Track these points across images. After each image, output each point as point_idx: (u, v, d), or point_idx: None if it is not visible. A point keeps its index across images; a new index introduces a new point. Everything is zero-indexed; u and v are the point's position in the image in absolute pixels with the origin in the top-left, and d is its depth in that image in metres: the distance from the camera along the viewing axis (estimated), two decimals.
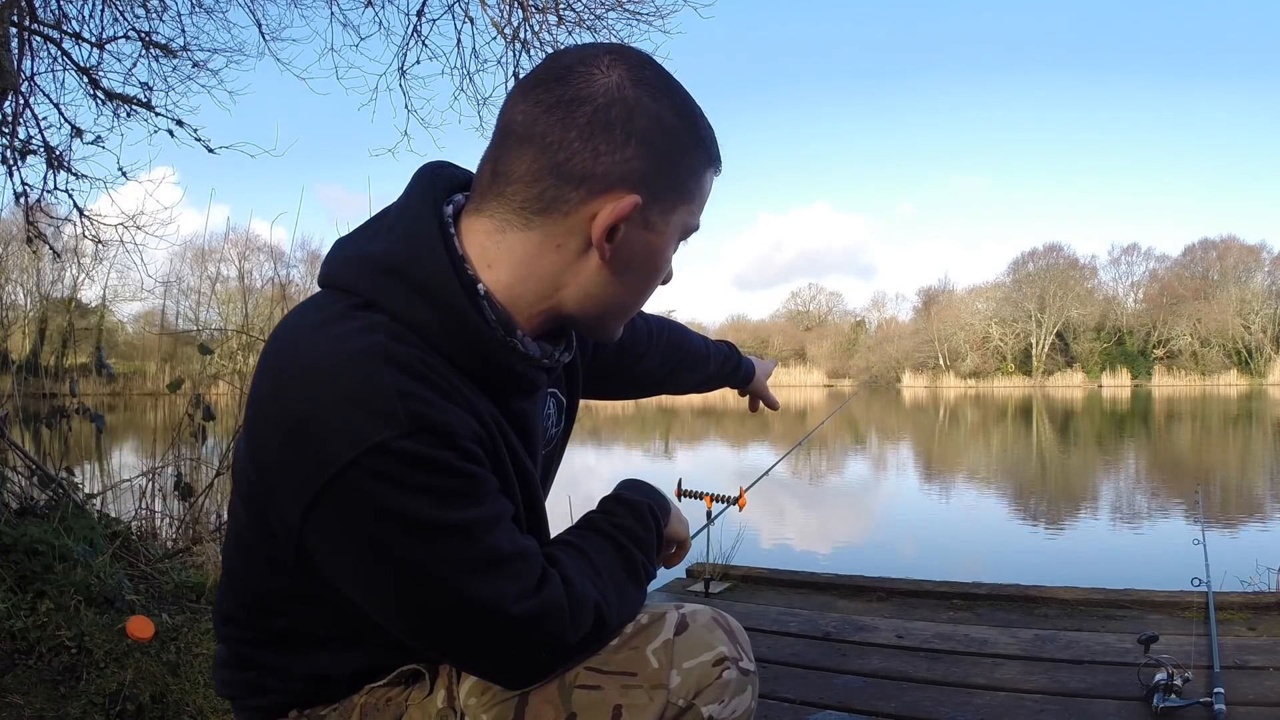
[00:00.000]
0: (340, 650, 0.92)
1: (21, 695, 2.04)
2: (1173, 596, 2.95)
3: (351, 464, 0.74)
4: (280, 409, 0.79)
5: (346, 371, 0.76)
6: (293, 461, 0.77)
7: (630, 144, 0.81)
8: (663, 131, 0.83)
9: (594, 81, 0.81)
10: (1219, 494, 8.78)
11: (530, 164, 0.82)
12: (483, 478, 0.80)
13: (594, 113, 0.80)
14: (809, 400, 36.11)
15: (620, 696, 0.85)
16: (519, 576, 0.80)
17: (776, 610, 3.08)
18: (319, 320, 0.83)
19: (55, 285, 6.58)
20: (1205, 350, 48.33)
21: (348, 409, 0.75)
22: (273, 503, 0.81)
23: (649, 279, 0.90)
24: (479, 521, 0.79)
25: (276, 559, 0.85)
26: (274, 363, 0.83)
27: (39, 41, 4.15)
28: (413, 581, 0.77)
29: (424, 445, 0.75)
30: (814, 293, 63.63)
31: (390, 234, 0.86)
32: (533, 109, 0.82)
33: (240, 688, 0.97)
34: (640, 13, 4.31)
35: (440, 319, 0.81)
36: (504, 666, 0.84)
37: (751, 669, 0.91)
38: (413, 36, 4.46)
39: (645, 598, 0.95)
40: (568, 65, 0.83)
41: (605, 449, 15.83)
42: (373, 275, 0.83)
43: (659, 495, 1.04)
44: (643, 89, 0.82)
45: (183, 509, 3.52)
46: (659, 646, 0.87)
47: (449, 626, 0.80)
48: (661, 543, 1.00)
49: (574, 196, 0.81)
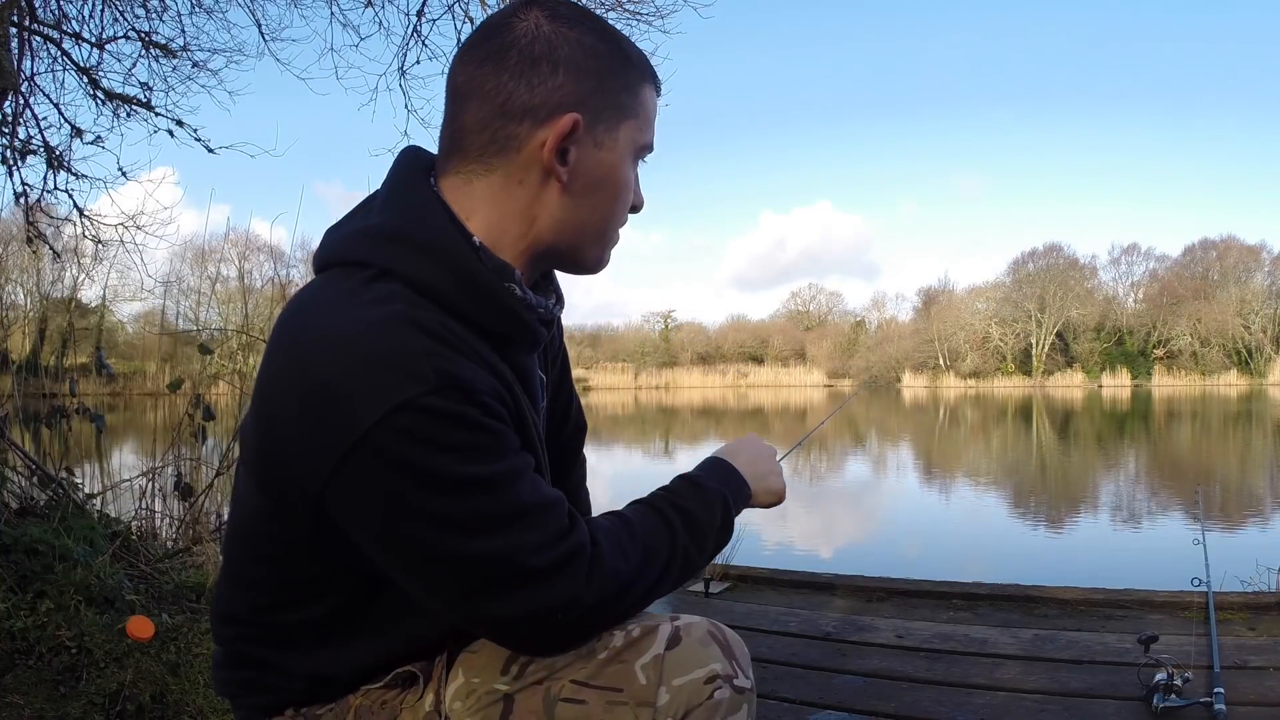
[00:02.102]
0: (341, 649, 0.92)
1: (21, 695, 2.04)
2: (1173, 596, 2.95)
3: (380, 421, 0.75)
4: (302, 375, 0.80)
5: (371, 335, 0.79)
6: (317, 425, 0.78)
7: (559, 71, 0.87)
8: (587, 54, 0.88)
9: (515, 28, 0.87)
10: (1219, 494, 8.77)
11: (476, 113, 0.88)
12: (504, 433, 0.82)
13: (519, 53, 0.87)
14: (809, 400, 36.13)
15: (605, 713, 0.83)
16: (540, 527, 0.81)
17: (776, 610, 3.07)
18: (334, 295, 0.84)
19: (55, 285, 6.57)
20: (1205, 350, 48.30)
21: (375, 369, 0.77)
22: (291, 475, 0.81)
23: (613, 199, 0.93)
24: (503, 475, 0.80)
25: (290, 540, 0.86)
26: (289, 337, 0.83)
27: (39, 41, 4.15)
28: (436, 537, 0.78)
29: (451, 401, 0.77)
30: (814, 293, 63.67)
31: (385, 209, 0.89)
32: (468, 67, 0.89)
33: (238, 686, 0.96)
34: (640, 13, 4.31)
35: (450, 275, 0.85)
36: (521, 624, 0.82)
37: (747, 686, 0.88)
38: (413, 36, 4.46)
39: (685, 582, 0.93)
40: (492, 23, 0.90)
41: (605, 449, 15.83)
42: (379, 245, 0.86)
43: (736, 482, 1.02)
44: (560, 22, 0.88)
45: (183, 509, 3.52)
46: (649, 662, 0.84)
47: (469, 581, 0.80)
48: (729, 530, 0.98)
49: (520, 131, 0.87)
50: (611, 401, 36.84)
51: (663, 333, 60.85)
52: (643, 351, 58.42)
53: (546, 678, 0.85)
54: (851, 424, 20.45)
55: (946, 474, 12.19)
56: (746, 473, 1.04)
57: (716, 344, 60.10)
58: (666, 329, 61.11)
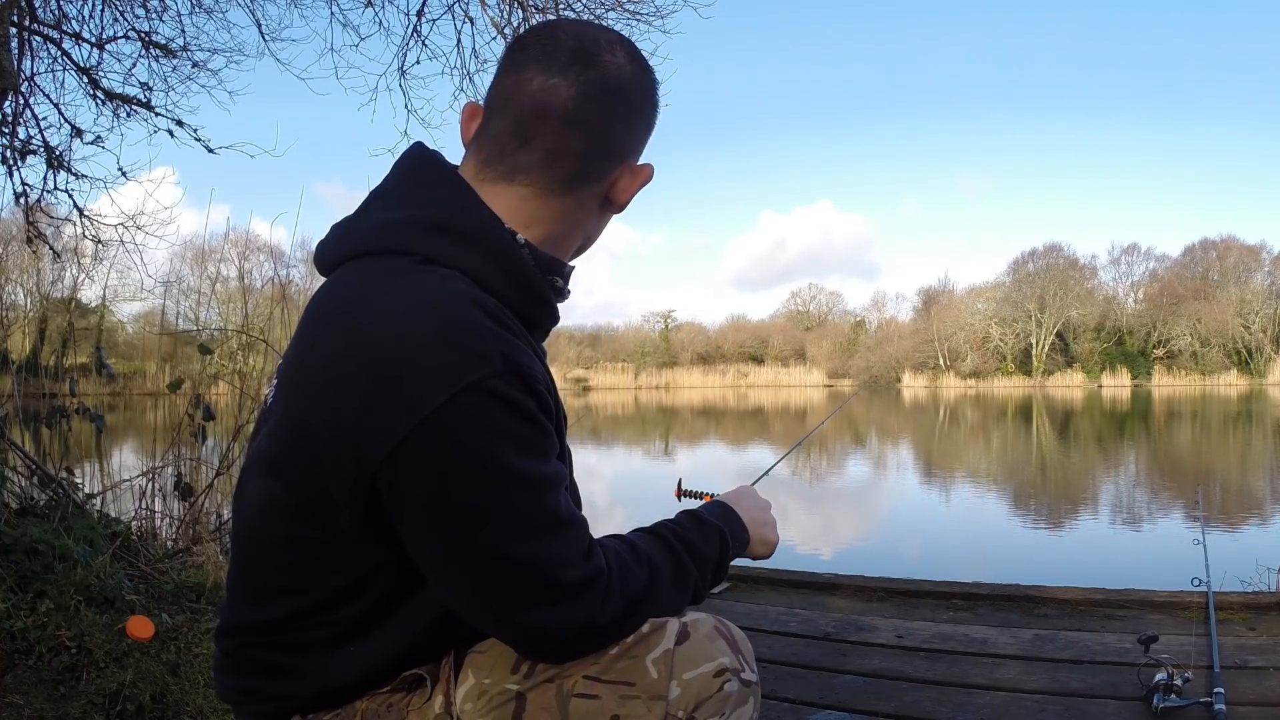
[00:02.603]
0: (352, 657, 0.91)
1: (21, 695, 2.04)
2: (1173, 596, 2.94)
3: (448, 403, 0.75)
4: (365, 355, 0.79)
5: (439, 314, 0.79)
6: (380, 404, 0.77)
7: (637, 120, 0.97)
8: (653, 106, 1.00)
9: (619, 68, 0.93)
10: (1219, 494, 8.78)
11: (583, 144, 0.93)
12: (550, 432, 0.83)
13: (627, 100, 0.95)
14: (809, 400, 36.13)
15: (618, 707, 0.84)
16: (573, 542, 0.82)
17: (776, 610, 3.07)
18: (385, 279, 0.84)
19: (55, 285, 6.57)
20: (1205, 350, 48.29)
21: (441, 348, 0.77)
22: (341, 463, 0.80)
23: None
24: (547, 480, 0.81)
25: (319, 546, 0.85)
26: (342, 323, 0.83)
27: (39, 41, 4.15)
28: (482, 528, 0.78)
29: (513, 388, 0.78)
30: (814, 293, 63.67)
31: (417, 200, 0.90)
32: (575, 94, 0.91)
33: (243, 693, 0.95)
34: (640, 13, 4.31)
35: (497, 266, 0.87)
36: (541, 635, 0.84)
37: (754, 680, 0.90)
38: (413, 36, 4.46)
39: (685, 608, 0.95)
40: (589, 51, 0.92)
41: (605, 449, 15.84)
42: (422, 235, 0.86)
43: (735, 523, 1.05)
44: (636, 63, 0.96)
45: (183, 509, 3.52)
46: (659, 656, 0.86)
47: (502, 583, 0.80)
48: (725, 568, 1.02)
49: (609, 168, 0.96)
50: (611, 401, 36.79)
51: (663, 333, 60.84)
52: (643, 351, 58.38)
53: (558, 675, 0.86)
54: (851, 424, 20.45)
55: (947, 474, 12.19)
56: (746, 519, 1.07)
57: (716, 344, 60.09)
58: (666, 329, 61.11)
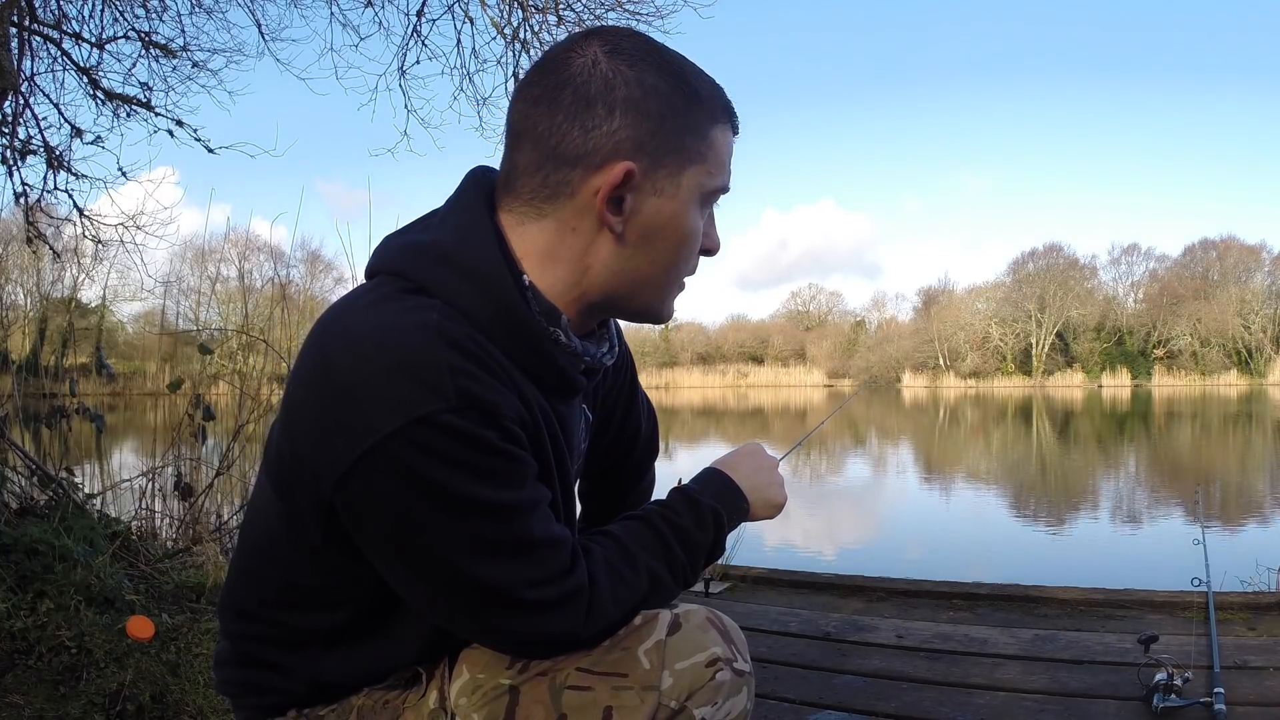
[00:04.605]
0: (348, 655, 0.92)
1: (21, 695, 2.04)
2: (1173, 596, 2.95)
3: (395, 433, 0.74)
4: (325, 378, 0.79)
5: (396, 342, 0.77)
6: (333, 427, 0.77)
7: (615, 114, 0.81)
8: (647, 94, 0.82)
9: (571, 64, 0.83)
10: (1219, 494, 8.77)
11: (529, 155, 0.84)
12: (523, 460, 0.81)
13: (574, 92, 0.82)
14: (809, 400, 36.12)
15: (611, 698, 0.85)
16: (543, 563, 0.81)
17: (776, 610, 3.07)
18: (370, 300, 0.84)
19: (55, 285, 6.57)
20: (1205, 350, 48.28)
21: (396, 378, 0.75)
22: (304, 479, 0.81)
23: (676, 247, 0.88)
24: (514, 505, 0.79)
25: (301, 542, 0.85)
26: (320, 339, 0.83)
27: (39, 41, 4.15)
28: (439, 554, 0.78)
29: (469, 422, 0.76)
30: (814, 292, 63.69)
31: (442, 226, 0.87)
32: (524, 105, 0.85)
33: (240, 686, 0.96)
34: (640, 13, 4.32)
35: (489, 306, 0.82)
36: (515, 646, 0.86)
37: (746, 670, 0.90)
38: (412, 36, 4.47)
39: (674, 599, 0.94)
40: (551, 57, 0.86)
41: None
42: (424, 261, 0.84)
43: (733, 496, 1.00)
44: (620, 59, 0.83)
45: (183, 509, 3.52)
46: (651, 647, 0.86)
47: (463, 602, 0.81)
48: (720, 548, 0.98)
49: (573, 177, 0.83)
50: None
51: (663, 332, 60.83)
52: (642, 351, 58.34)
53: (551, 667, 0.86)
54: (851, 424, 20.44)
55: (947, 474, 12.18)
56: (746, 485, 1.02)
57: (716, 344, 60.13)
58: (666, 329, 61.09)
